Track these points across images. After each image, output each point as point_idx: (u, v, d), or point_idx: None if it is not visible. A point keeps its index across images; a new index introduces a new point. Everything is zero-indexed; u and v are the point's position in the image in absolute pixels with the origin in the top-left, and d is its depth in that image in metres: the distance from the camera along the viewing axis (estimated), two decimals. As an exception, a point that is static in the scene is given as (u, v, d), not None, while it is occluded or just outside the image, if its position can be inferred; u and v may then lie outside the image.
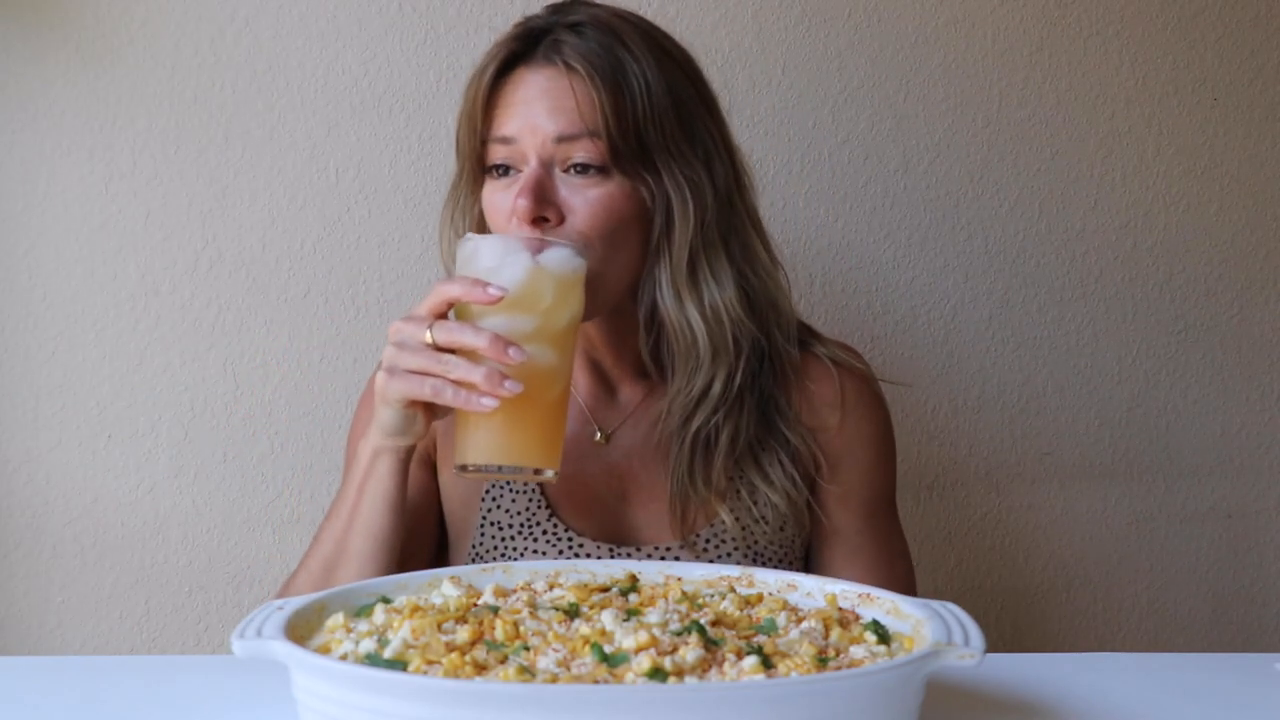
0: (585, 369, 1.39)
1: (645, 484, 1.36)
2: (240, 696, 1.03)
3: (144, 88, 1.68)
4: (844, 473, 1.39)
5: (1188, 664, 1.20)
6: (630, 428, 1.38)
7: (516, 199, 1.26)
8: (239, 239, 1.71)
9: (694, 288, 1.31)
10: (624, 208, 1.28)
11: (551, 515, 1.34)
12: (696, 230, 1.30)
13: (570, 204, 1.27)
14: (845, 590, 1.03)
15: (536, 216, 1.25)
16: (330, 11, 1.71)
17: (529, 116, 1.28)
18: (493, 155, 1.30)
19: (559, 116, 1.27)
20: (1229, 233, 1.90)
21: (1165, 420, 1.90)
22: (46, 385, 1.69)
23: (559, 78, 1.28)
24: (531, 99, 1.28)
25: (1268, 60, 1.88)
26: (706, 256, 1.31)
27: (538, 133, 1.27)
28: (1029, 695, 1.07)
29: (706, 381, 1.31)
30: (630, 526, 1.36)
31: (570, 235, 1.26)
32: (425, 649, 0.87)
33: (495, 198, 1.30)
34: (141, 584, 1.71)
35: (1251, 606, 1.94)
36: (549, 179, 1.27)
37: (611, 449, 1.37)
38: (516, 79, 1.30)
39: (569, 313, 1.19)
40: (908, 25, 1.81)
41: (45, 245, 1.68)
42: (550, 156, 1.27)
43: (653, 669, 0.83)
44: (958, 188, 1.84)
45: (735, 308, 1.31)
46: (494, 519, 1.35)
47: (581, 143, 1.26)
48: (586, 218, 1.27)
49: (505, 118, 1.29)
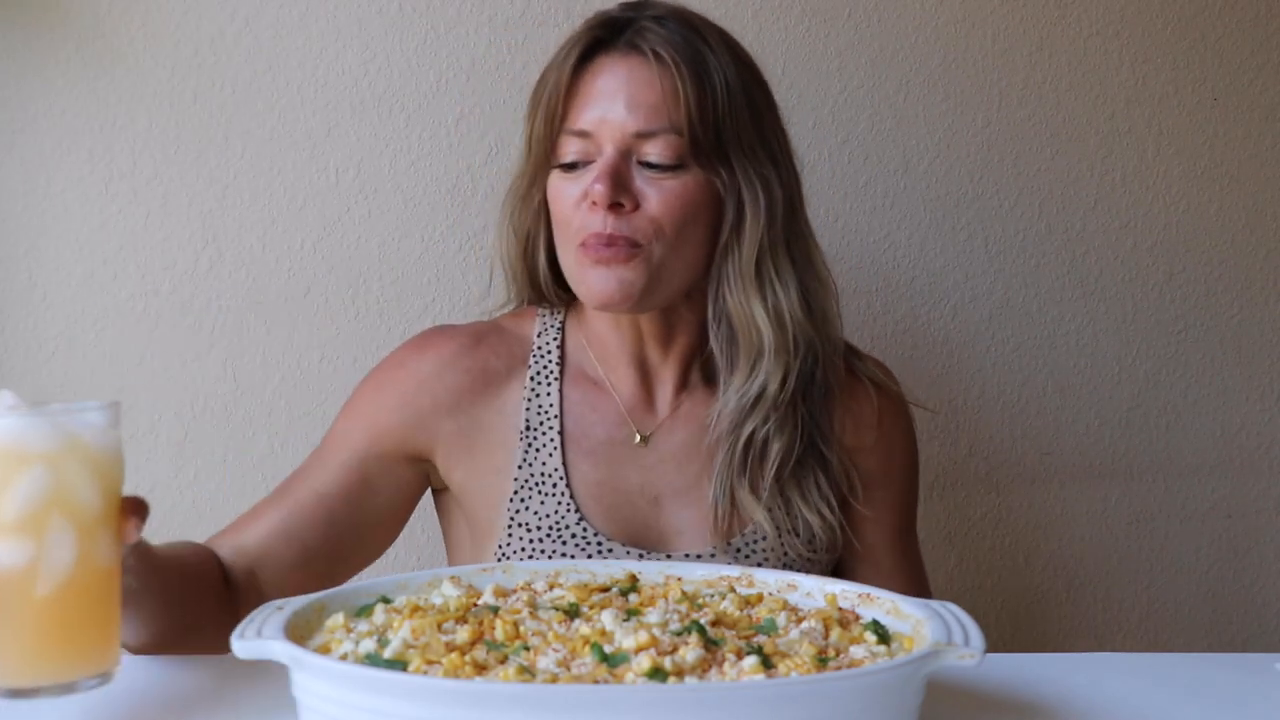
0: (629, 369, 1.37)
1: (680, 489, 1.35)
2: (240, 696, 1.03)
3: (144, 88, 1.68)
4: (878, 494, 1.39)
5: (1188, 664, 1.20)
6: (668, 431, 1.36)
7: (594, 184, 1.26)
8: (239, 239, 1.71)
9: (760, 286, 1.31)
10: (698, 201, 1.29)
11: (581, 519, 1.32)
12: (766, 229, 1.31)
13: (645, 193, 1.27)
14: (845, 590, 1.03)
15: (614, 202, 1.25)
16: (330, 11, 1.71)
17: (609, 110, 1.27)
18: (565, 149, 1.30)
19: (639, 111, 1.27)
20: (1229, 233, 1.90)
21: (1165, 420, 1.90)
22: (47, 385, 1.69)
23: (643, 67, 1.28)
24: (613, 90, 1.28)
25: (1268, 60, 1.88)
26: (773, 256, 1.32)
27: (617, 127, 1.27)
28: (1029, 695, 1.07)
29: (764, 381, 1.31)
30: (660, 531, 1.34)
31: (643, 224, 1.26)
32: (425, 649, 0.87)
33: (565, 186, 1.30)
34: (141, 584, 1.71)
35: (1251, 606, 1.94)
36: (626, 167, 1.27)
37: (648, 452, 1.36)
38: (597, 68, 1.30)
39: (31, 492, 0.90)
40: (908, 25, 1.81)
41: (45, 245, 1.68)
42: (628, 148, 1.27)
43: (653, 669, 0.83)
44: (958, 188, 1.84)
45: (798, 310, 1.32)
46: (523, 520, 1.33)
47: (661, 138, 1.27)
48: (660, 207, 1.27)
49: (583, 110, 1.29)
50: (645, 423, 1.37)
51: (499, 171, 1.73)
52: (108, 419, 0.92)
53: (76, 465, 0.91)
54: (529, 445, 1.34)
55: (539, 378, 1.37)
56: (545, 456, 1.34)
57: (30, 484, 0.90)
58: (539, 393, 1.36)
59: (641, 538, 1.33)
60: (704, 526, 1.33)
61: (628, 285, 1.28)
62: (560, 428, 1.35)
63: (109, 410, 0.92)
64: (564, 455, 1.34)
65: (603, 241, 1.27)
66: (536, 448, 1.34)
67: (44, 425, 0.90)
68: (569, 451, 1.34)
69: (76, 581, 0.91)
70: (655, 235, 1.26)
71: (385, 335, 1.72)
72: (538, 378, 1.37)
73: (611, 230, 1.26)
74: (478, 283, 1.74)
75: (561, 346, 1.39)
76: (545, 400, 1.36)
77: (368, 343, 1.73)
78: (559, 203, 1.31)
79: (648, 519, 1.34)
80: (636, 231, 1.27)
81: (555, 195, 1.31)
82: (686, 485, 1.35)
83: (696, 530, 1.33)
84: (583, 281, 1.30)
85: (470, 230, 1.74)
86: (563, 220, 1.31)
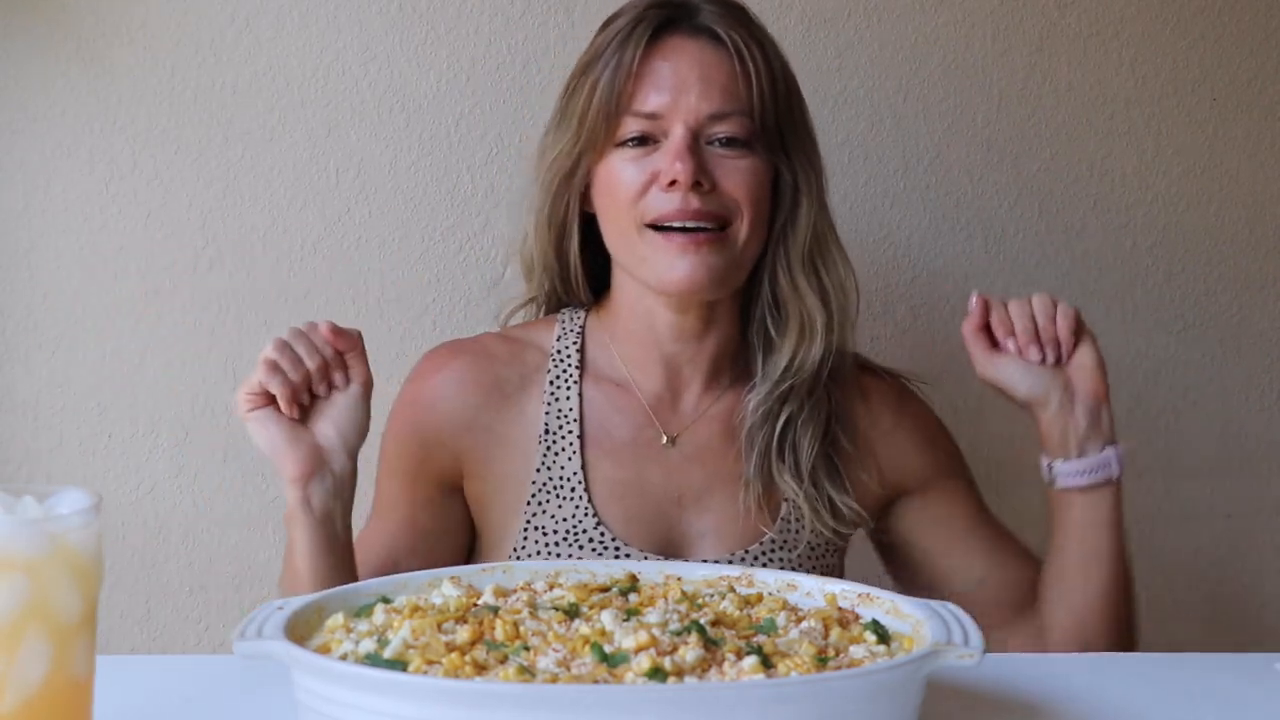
0: (656, 367, 1.36)
1: (704, 490, 1.34)
2: (240, 696, 1.03)
3: (144, 88, 1.68)
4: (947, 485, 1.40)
5: (1188, 664, 1.20)
6: (694, 433, 1.36)
7: (674, 163, 1.24)
8: (239, 239, 1.71)
9: (814, 269, 1.33)
10: (765, 182, 1.30)
11: (599, 524, 1.31)
12: (818, 212, 1.33)
13: (719, 172, 1.27)
14: (845, 590, 1.03)
15: (696, 180, 1.24)
16: (330, 11, 1.71)
17: (681, 92, 1.26)
18: (628, 127, 1.28)
19: (713, 92, 1.27)
20: (1229, 232, 1.89)
21: (1165, 420, 1.90)
22: (47, 385, 1.69)
23: (713, 49, 1.28)
24: (684, 72, 1.27)
25: (1268, 60, 1.88)
26: (824, 239, 1.34)
27: (690, 109, 1.26)
28: (1029, 695, 1.07)
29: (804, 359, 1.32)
30: (681, 535, 1.33)
31: (727, 202, 1.26)
32: (425, 649, 0.87)
33: (628, 167, 1.28)
34: (142, 584, 1.71)
35: (1251, 606, 1.94)
36: (698, 147, 1.27)
37: (674, 452, 1.35)
38: (664, 49, 1.29)
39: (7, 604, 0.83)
40: (908, 25, 1.81)
41: (45, 245, 1.68)
42: (700, 129, 1.27)
43: (652, 669, 0.83)
44: (958, 188, 1.83)
45: (843, 291, 1.34)
46: (539, 524, 1.32)
47: (734, 119, 1.27)
48: (738, 186, 1.27)
49: (651, 91, 1.27)
50: (671, 423, 1.36)
51: (499, 171, 1.74)
52: (92, 516, 0.86)
53: (58, 572, 0.84)
54: (547, 449, 1.33)
55: (558, 382, 1.36)
56: (564, 460, 1.33)
57: (8, 595, 0.83)
58: (558, 396, 1.35)
59: (662, 542, 1.32)
60: (726, 530, 1.33)
61: (712, 269, 1.27)
62: (580, 431, 1.34)
63: (92, 509, 0.86)
64: (584, 458, 1.33)
65: (688, 218, 1.25)
66: (555, 451, 1.33)
67: (27, 530, 0.83)
68: (589, 453, 1.33)
69: (44, 696, 0.84)
70: (737, 212, 1.27)
71: (385, 335, 1.71)
72: (557, 382, 1.36)
73: (697, 206, 1.25)
74: (478, 283, 1.74)
75: (582, 349, 1.37)
76: (565, 404, 1.35)
77: (367, 343, 1.72)
78: (620, 184, 1.28)
79: (670, 520, 1.33)
80: (721, 206, 1.27)
81: (614, 176, 1.29)
82: (710, 487, 1.34)
83: (716, 535, 1.33)
84: (660, 267, 1.27)
85: (470, 230, 1.74)
86: (624, 202, 1.28)
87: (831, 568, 1.37)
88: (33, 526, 0.84)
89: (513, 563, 1.11)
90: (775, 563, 1.32)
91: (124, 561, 1.70)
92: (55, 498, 0.87)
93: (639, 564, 1.09)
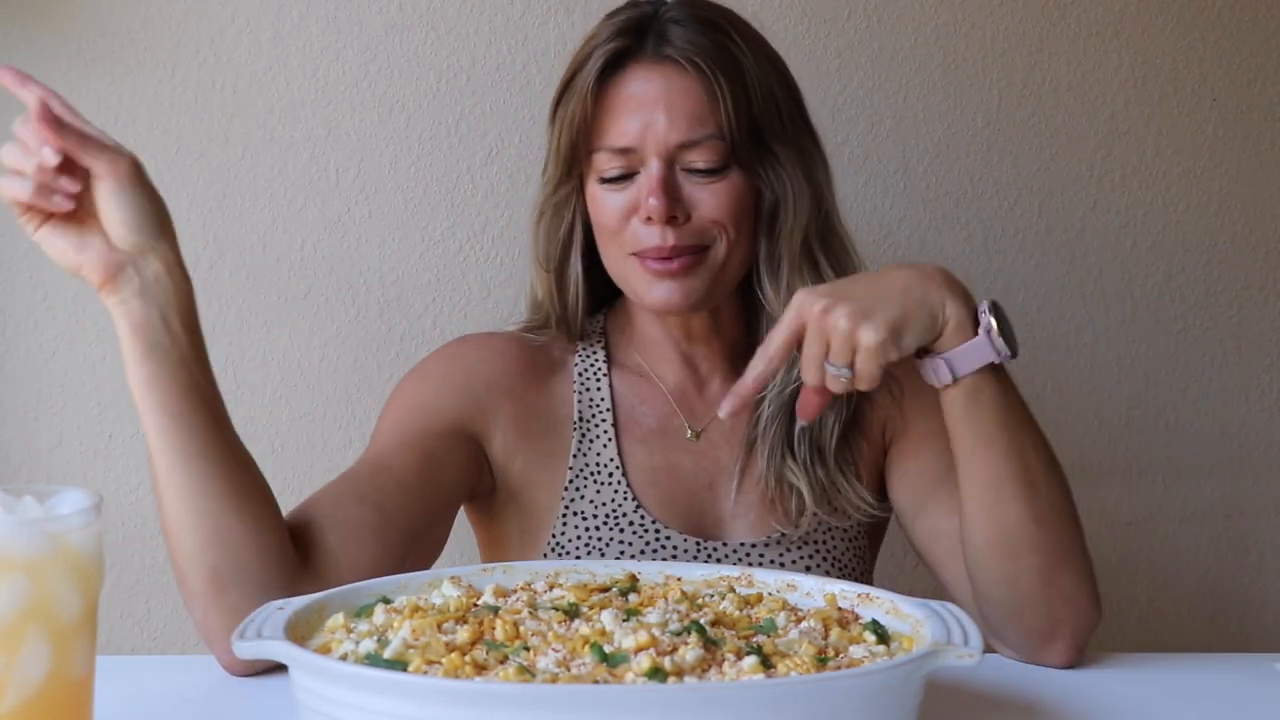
0: (676, 363, 1.37)
1: (734, 476, 1.35)
2: (240, 696, 1.03)
3: (144, 88, 1.68)
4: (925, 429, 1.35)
5: (1187, 664, 1.20)
6: (720, 422, 1.36)
7: (647, 199, 1.25)
8: (239, 239, 1.71)
9: (813, 263, 1.32)
10: (746, 198, 1.29)
11: (638, 507, 1.32)
12: (813, 215, 1.32)
13: (695, 199, 1.27)
14: (845, 590, 1.03)
15: (671, 215, 1.25)
16: (330, 12, 1.71)
17: (649, 123, 1.26)
18: (606, 166, 1.28)
19: (680, 121, 1.26)
20: (1229, 233, 1.89)
21: (1165, 420, 1.90)
22: (46, 385, 1.69)
23: (678, 76, 1.27)
24: (649, 103, 1.27)
25: (1267, 60, 1.88)
26: (823, 242, 1.33)
27: (660, 140, 1.26)
28: (1028, 695, 1.07)
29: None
30: (717, 518, 1.34)
31: (703, 227, 1.27)
32: (425, 649, 0.87)
33: (610, 198, 1.29)
34: (142, 584, 1.71)
35: (1251, 606, 1.94)
36: (673, 176, 1.27)
37: (701, 442, 1.36)
38: (627, 78, 1.28)
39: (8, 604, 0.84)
40: (908, 25, 1.81)
41: (45, 245, 1.68)
42: (672, 158, 1.27)
43: (652, 669, 0.83)
44: (958, 188, 1.84)
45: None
46: (578, 509, 1.32)
47: (704, 145, 1.26)
48: (715, 209, 1.27)
49: (620, 126, 1.27)
50: (696, 414, 1.37)
51: (499, 171, 1.74)
52: (92, 517, 0.86)
53: (59, 573, 0.84)
54: (582, 436, 1.34)
55: (587, 373, 1.37)
56: (600, 447, 1.34)
57: (8, 595, 0.83)
58: (588, 385, 1.37)
59: (699, 525, 1.33)
60: (760, 515, 1.33)
61: (691, 292, 1.28)
62: (614, 419, 1.35)
63: (92, 509, 0.86)
64: (619, 445, 1.34)
65: (664, 255, 1.26)
66: (590, 439, 1.34)
67: (27, 530, 0.83)
68: (624, 440, 1.35)
69: (44, 696, 0.84)
70: (717, 236, 1.27)
71: (385, 335, 1.72)
72: (585, 373, 1.37)
73: (673, 243, 1.26)
74: (478, 283, 1.74)
75: (606, 344, 1.39)
76: (595, 393, 1.36)
77: (368, 343, 1.73)
78: (604, 215, 1.30)
79: (704, 505, 1.34)
80: (697, 236, 1.27)
81: (599, 207, 1.30)
82: (739, 473, 1.35)
83: (749, 518, 1.33)
84: (640, 291, 1.30)
85: (470, 230, 1.74)
86: (609, 231, 1.30)
87: (861, 550, 1.36)
88: (33, 526, 0.84)
89: (513, 563, 1.11)
90: (810, 545, 1.32)
91: (124, 561, 1.70)
92: (55, 498, 0.87)
93: (639, 564, 1.09)
